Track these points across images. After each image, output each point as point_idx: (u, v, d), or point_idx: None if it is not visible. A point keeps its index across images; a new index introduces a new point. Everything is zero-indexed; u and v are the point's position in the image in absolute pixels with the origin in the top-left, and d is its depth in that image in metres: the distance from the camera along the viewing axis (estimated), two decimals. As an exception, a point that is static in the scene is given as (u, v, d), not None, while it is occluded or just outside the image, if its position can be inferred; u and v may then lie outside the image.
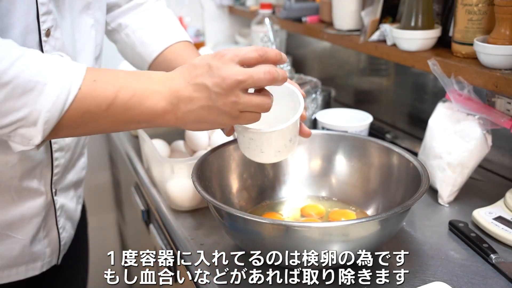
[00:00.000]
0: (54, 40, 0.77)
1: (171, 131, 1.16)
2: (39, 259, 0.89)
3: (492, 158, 1.05)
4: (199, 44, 1.75)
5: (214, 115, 0.66)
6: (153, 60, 0.96)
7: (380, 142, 0.89)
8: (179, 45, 0.97)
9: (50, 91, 0.62)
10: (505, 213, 0.86)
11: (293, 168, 0.93)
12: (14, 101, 0.61)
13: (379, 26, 1.18)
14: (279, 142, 0.75)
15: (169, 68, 0.93)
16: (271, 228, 0.68)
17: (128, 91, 0.65)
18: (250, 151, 0.77)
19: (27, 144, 0.65)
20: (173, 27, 1.00)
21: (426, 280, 0.72)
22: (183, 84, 0.66)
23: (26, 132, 0.63)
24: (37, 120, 0.62)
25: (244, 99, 0.65)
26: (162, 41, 0.96)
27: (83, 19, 0.85)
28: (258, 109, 0.67)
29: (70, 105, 0.63)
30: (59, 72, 0.63)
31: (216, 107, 0.65)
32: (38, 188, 0.84)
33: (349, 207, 0.88)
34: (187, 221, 0.90)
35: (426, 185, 0.73)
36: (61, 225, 0.91)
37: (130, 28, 0.98)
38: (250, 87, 0.66)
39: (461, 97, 0.93)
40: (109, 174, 2.01)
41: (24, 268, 0.87)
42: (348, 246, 0.69)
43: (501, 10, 0.87)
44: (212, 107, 0.65)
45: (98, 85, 0.65)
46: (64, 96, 0.62)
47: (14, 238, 0.84)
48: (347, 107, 1.26)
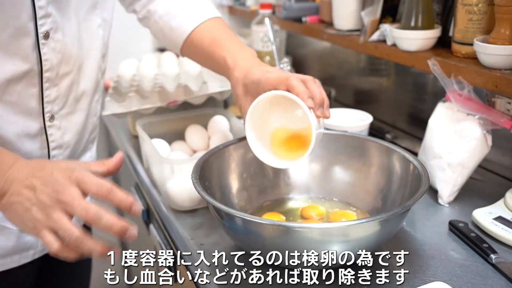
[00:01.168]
0: (54, 42, 0.79)
1: (171, 131, 1.16)
2: (31, 248, 0.90)
3: (492, 158, 1.05)
4: (199, 44, 1.74)
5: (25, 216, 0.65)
6: (182, 44, 0.97)
7: (380, 142, 0.89)
8: (205, 25, 0.96)
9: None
10: (505, 213, 0.86)
11: (293, 168, 0.93)
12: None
13: (379, 26, 1.18)
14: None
15: (197, 50, 0.96)
16: (271, 228, 0.68)
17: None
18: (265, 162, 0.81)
19: None
20: (199, 6, 0.99)
21: (426, 280, 0.72)
22: (22, 176, 0.66)
23: None
24: None
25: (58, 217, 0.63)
26: (188, 23, 0.96)
27: (91, 19, 0.86)
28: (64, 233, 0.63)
29: None
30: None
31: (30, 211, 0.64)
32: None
33: (349, 208, 0.88)
34: (187, 221, 0.90)
35: (426, 185, 0.73)
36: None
37: (158, 14, 0.99)
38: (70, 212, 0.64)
39: (461, 97, 0.93)
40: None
41: (17, 257, 0.88)
42: (348, 247, 0.69)
43: (501, 10, 0.87)
44: (27, 209, 0.64)
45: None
46: None
47: (10, 229, 0.85)
48: (347, 107, 1.26)
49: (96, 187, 0.65)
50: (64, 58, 0.81)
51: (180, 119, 1.15)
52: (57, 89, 0.83)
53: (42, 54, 0.78)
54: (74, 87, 0.86)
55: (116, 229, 0.63)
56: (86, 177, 0.65)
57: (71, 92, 0.86)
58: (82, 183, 0.64)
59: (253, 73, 0.82)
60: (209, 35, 0.94)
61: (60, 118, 0.85)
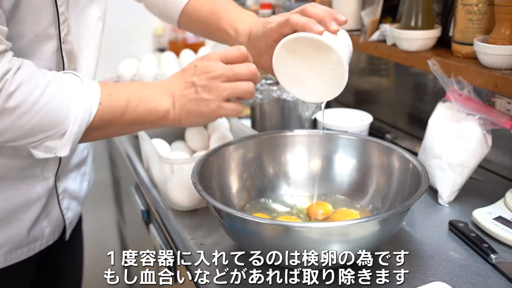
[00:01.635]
0: (67, 44, 0.80)
1: (171, 131, 1.16)
2: (38, 240, 0.91)
3: (492, 158, 1.05)
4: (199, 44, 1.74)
5: (202, 106, 0.76)
6: (179, 17, 0.99)
7: (380, 142, 0.89)
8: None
9: (76, 114, 0.71)
10: (505, 213, 0.86)
11: (293, 168, 0.93)
12: (44, 125, 0.70)
13: (379, 26, 1.18)
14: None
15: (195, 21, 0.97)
16: (271, 228, 0.68)
17: (135, 98, 0.76)
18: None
19: (50, 153, 0.73)
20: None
21: (426, 280, 0.72)
22: (176, 85, 0.78)
23: (51, 144, 0.72)
24: (63, 136, 0.71)
25: (226, 85, 0.75)
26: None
27: (90, 13, 0.86)
28: (240, 92, 0.76)
29: (93, 120, 0.73)
30: (81, 94, 0.72)
31: (202, 98, 0.76)
32: (41, 174, 0.87)
33: (352, 206, 0.88)
34: (187, 221, 0.90)
35: (426, 185, 0.73)
36: (64, 207, 0.94)
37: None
38: (231, 79, 0.76)
39: (461, 97, 0.93)
40: (109, 174, 2.01)
41: (26, 248, 0.89)
42: (348, 246, 0.69)
43: (501, 10, 0.87)
44: (199, 99, 0.76)
45: (113, 97, 0.75)
46: (87, 115, 0.72)
47: (22, 221, 0.86)
48: (347, 107, 1.26)
49: (229, 51, 0.77)
50: (71, 57, 0.83)
51: (180, 119, 1.15)
52: None
53: (64, 57, 0.80)
54: None
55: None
56: (221, 51, 0.78)
57: None
58: (218, 56, 0.77)
59: (256, 31, 0.85)
60: (206, 6, 0.95)
61: None
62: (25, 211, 0.86)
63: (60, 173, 0.91)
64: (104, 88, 0.75)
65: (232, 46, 0.88)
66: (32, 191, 0.86)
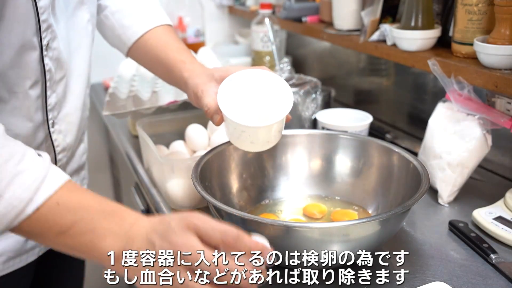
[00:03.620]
0: (52, 51, 0.78)
1: (171, 131, 1.16)
2: (37, 246, 0.90)
3: (492, 158, 1.05)
4: (199, 44, 1.74)
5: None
6: (132, 44, 0.95)
7: (380, 142, 0.89)
8: (159, 29, 0.95)
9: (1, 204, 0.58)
10: (505, 213, 0.86)
11: (293, 168, 0.93)
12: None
13: (379, 26, 1.18)
14: (269, 133, 0.80)
15: (149, 53, 0.93)
16: (271, 228, 0.68)
17: (86, 225, 0.60)
18: (240, 142, 0.81)
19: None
20: (153, 10, 0.98)
21: (426, 280, 0.72)
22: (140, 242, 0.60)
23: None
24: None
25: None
26: (142, 24, 0.94)
27: (79, 16, 0.84)
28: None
29: (18, 224, 0.59)
30: (20, 189, 0.58)
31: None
32: None
33: (351, 207, 0.88)
34: (187, 221, 0.90)
35: (426, 185, 0.73)
36: None
37: (109, 9, 0.97)
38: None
39: (461, 97, 0.93)
40: (109, 174, 2.01)
41: (25, 256, 0.88)
42: (348, 246, 0.69)
43: (501, 10, 0.87)
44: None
45: (60, 210, 0.60)
46: (13, 213, 0.58)
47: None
48: (347, 107, 1.26)
49: (219, 233, 0.57)
50: (59, 63, 0.81)
51: (180, 119, 1.15)
52: (56, 95, 0.82)
53: (46, 65, 0.77)
54: (67, 89, 0.86)
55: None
56: (206, 223, 0.58)
57: (66, 94, 0.86)
58: (199, 230, 0.57)
59: (217, 70, 0.83)
60: (163, 41, 0.93)
61: (60, 122, 0.85)
62: None
63: None
64: (62, 192, 0.60)
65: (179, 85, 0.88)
66: None
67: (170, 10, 1.70)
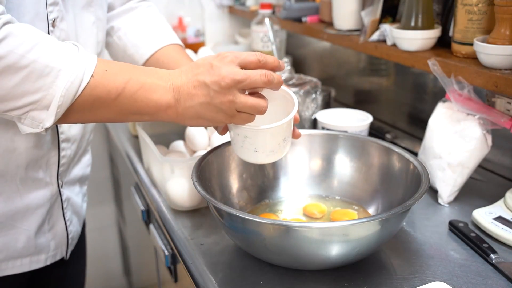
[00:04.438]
0: (60, 31, 0.79)
1: (171, 131, 1.16)
2: (43, 252, 0.89)
3: (492, 158, 1.05)
4: (199, 44, 1.74)
5: (211, 112, 0.70)
6: (144, 62, 0.97)
7: (380, 142, 0.89)
8: (170, 48, 0.97)
9: (64, 77, 0.65)
10: (505, 213, 0.86)
11: (293, 168, 0.93)
12: (30, 85, 0.64)
13: (379, 26, 1.18)
14: (274, 140, 0.76)
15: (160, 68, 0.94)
16: (272, 228, 0.68)
17: (136, 83, 0.69)
18: (243, 151, 0.77)
19: (36, 127, 0.67)
20: (164, 30, 1.00)
21: (426, 280, 0.72)
22: (185, 81, 0.70)
23: (37, 115, 0.66)
24: (50, 104, 0.65)
25: (240, 99, 0.69)
26: (154, 43, 0.97)
27: (85, 16, 0.86)
28: (253, 110, 0.70)
29: (82, 91, 0.66)
30: (74, 60, 0.66)
31: (214, 104, 0.69)
32: (44, 178, 0.85)
33: (351, 206, 0.88)
34: (187, 221, 0.90)
35: (426, 185, 0.73)
36: (68, 218, 0.93)
37: (123, 30, 0.99)
38: (246, 88, 0.69)
39: (461, 97, 0.93)
40: (109, 174, 2.01)
41: (28, 260, 0.87)
42: (348, 246, 0.69)
43: (501, 10, 0.87)
44: (210, 104, 0.69)
45: (109, 75, 0.68)
46: (77, 82, 0.66)
47: (18, 229, 0.85)
48: (347, 107, 1.26)
49: (249, 57, 0.70)
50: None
51: (180, 119, 1.15)
52: None
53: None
54: None
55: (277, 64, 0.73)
56: (240, 54, 0.70)
57: None
58: (236, 60, 0.69)
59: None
60: (174, 58, 0.95)
61: None
62: (24, 218, 0.84)
63: (64, 178, 0.90)
64: (101, 63, 0.69)
65: None
66: (33, 196, 0.84)
67: (170, 10, 1.70)
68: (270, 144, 0.76)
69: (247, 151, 0.77)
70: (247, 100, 0.69)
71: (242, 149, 0.77)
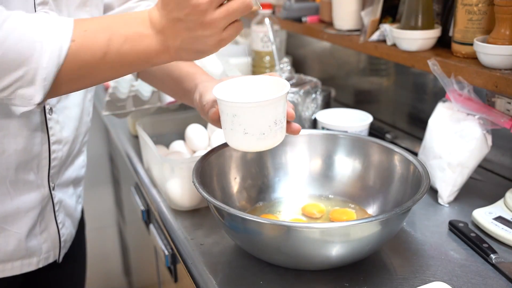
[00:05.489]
0: None
1: (171, 131, 1.16)
2: (35, 255, 0.89)
3: (492, 158, 1.05)
4: (199, 44, 1.74)
5: (200, 44, 0.67)
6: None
7: (380, 142, 0.89)
8: None
9: (42, 48, 0.63)
10: (505, 213, 0.86)
11: (293, 168, 0.93)
12: (8, 62, 0.62)
13: (379, 26, 1.18)
14: (264, 120, 0.72)
15: (160, 67, 0.93)
16: (272, 228, 0.68)
17: (119, 37, 0.66)
18: (233, 135, 0.74)
19: (28, 104, 0.66)
20: None
21: (426, 280, 0.72)
22: (164, 22, 0.67)
23: (25, 92, 0.64)
24: (34, 78, 0.63)
25: (220, 14, 0.65)
26: None
27: (80, 16, 0.85)
28: (239, 11, 0.65)
29: (65, 58, 0.64)
30: (49, 28, 0.64)
31: (198, 35, 0.66)
32: (35, 181, 0.84)
33: (349, 206, 0.88)
34: (187, 221, 0.90)
35: (426, 185, 0.73)
36: (60, 220, 0.92)
37: None
38: (220, 1, 0.65)
39: (461, 97, 0.93)
40: (109, 174, 2.01)
41: (19, 263, 0.87)
42: (348, 246, 0.69)
43: (501, 10, 0.87)
44: (194, 36, 0.66)
45: (89, 35, 0.66)
46: (57, 51, 0.63)
47: (9, 232, 0.84)
48: (347, 107, 1.26)
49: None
50: None
51: (180, 119, 1.16)
52: None
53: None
54: None
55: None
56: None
57: None
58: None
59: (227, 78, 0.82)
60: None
61: (58, 112, 0.85)
62: (15, 221, 0.84)
63: (55, 181, 0.89)
64: (78, 24, 0.66)
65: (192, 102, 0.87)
66: (24, 199, 0.84)
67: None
68: (260, 124, 0.73)
69: (236, 133, 0.74)
70: (227, 9, 0.65)
71: (232, 133, 0.74)
